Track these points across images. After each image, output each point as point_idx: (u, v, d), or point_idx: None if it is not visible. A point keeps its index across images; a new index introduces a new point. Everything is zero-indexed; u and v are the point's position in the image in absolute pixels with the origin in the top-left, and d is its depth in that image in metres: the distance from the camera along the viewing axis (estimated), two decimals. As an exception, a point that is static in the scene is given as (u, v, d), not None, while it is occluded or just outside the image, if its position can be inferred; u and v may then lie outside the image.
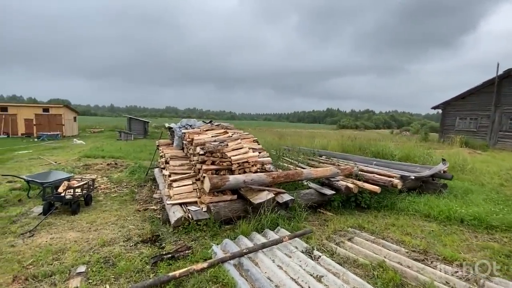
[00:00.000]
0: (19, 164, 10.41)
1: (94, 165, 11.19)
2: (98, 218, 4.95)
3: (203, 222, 4.37)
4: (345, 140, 15.68)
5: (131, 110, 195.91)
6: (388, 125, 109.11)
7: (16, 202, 5.67)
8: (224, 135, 5.83)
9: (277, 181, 5.04)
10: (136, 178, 8.80)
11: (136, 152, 15.26)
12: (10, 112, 27.31)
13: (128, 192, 7.07)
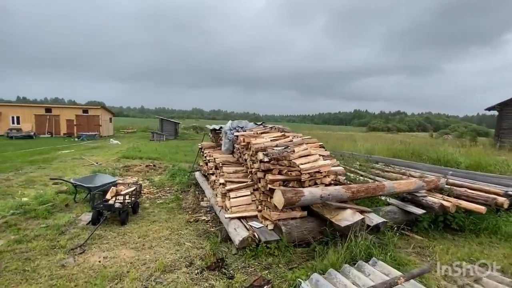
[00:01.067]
0: (63, 164, 10.50)
1: (133, 166, 11.03)
2: (149, 230, 4.42)
3: (274, 245, 3.62)
4: (395, 144, 14.26)
5: (160, 111, 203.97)
6: (422, 127, 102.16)
7: (63, 207, 5.35)
8: (285, 139, 5.08)
9: (357, 196, 4.17)
10: (177, 182, 8.36)
11: (171, 154, 15.09)
12: (53, 113, 28.98)
13: (174, 198, 6.58)
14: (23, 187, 6.67)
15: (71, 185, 6.27)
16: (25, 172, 8.23)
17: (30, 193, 6.22)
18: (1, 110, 26.90)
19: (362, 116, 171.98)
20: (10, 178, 7.39)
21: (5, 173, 8.06)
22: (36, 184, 7.09)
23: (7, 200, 5.60)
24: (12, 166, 9.44)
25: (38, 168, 9.16)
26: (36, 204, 5.19)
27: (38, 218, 4.67)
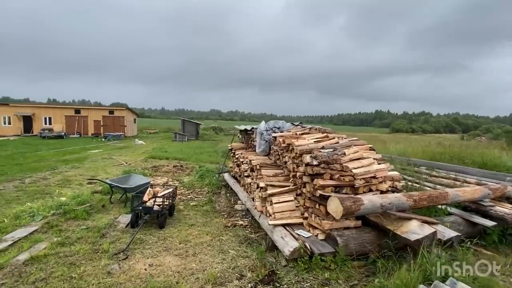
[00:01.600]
0: (95, 164, 10.71)
1: (161, 166, 11.06)
2: (189, 235, 4.22)
3: (329, 258, 3.27)
4: (430, 146, 13.35)
5: (179, 112, 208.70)
6: (450, 129, 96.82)
7: (100, 208, 5.30)
8: (329, 141, 4.71)
9: (418, 205, 3.72)
10: (207, 184, 8.19)
11: (196, 154, 15.09)
12: (82, 114, 30.22)
13: (207, 200, 6.39)
14: (60, 186, 6.76)
15: (107, 185, 6.27)
16: (61, 172, 8.42)
17: (67, 192, 6.27)
18: (35, 111, 28.43)
19: (383, 117, 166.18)
20: (47, 177, 7.55)
21: (42, 172, 8.28)
22: (72, 183, 7.18)
23: (46, 199, 5.65)
24: (47, 165, 9.74)
25: (72, 167, 9.37)
26: (74, 205, 5.17)
27: (78, 219, 4.61)
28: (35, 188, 6.30)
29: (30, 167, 9.06)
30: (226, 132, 51.11)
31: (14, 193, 5.82)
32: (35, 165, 9.71)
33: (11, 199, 5.35)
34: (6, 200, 5.29)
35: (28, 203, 5.26)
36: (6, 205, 5.00)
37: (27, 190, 6.05)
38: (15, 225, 4.11)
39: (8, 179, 7.01)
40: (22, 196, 5.61)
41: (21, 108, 28.27)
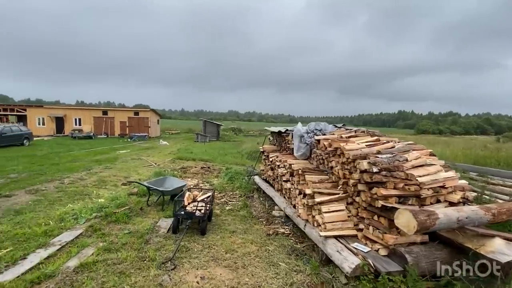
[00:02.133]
0: (125, 164, 10.88)
1: (189, 168, 11.05)
2: (233, 243, 4.00)
3: (398, 278, 2.90)
4: (471, 149, 12.38)
5: (198, 113, 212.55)
6: (481, 130, 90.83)
7: (138, 211, 5.24)
8: (384, 145, 4.32)
9: (497, 220, 3.25)
10: (238, 186, 8.01)
11: (221, 156, 15.02)
12: (109, 115, 31.37)
13: (242, 205, 6.18)
14: (96, 187, 6.83)
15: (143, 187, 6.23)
16: (95, 172, 8.58)
17: (104, 193, 6.31)
18: (66, 113, 29.87)
19: (407, 118, 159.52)
20: (84, 178, 7.69)
21: (79, 172, 8.48)
22: (107, 184, 7.24)
23: (85, 200, 5.68)
24: (82, 165, 10.00)
25: (105, 168, 9.55)
26: (113, 207, 5.14)
27: (119, 223, 4.55)
28: (74, 188, 6.39)
29: (66, 167, 9.33)
30: (245, 133, 51.21)
31: (56, 193, 5.91)
32: (70, 165, 10.01)
33: (54, 200, 5.42)
34: (49, 201, 5.36)
35: (69, 204, 5.30)
36: (50, 206, 5.05)
37: (67, 191, 6.14)
38: (60, 228, 4.09)
39: (48, 179, 7.20)
40: (63, 197, 5.68)
41: (54, 110, 29.82)
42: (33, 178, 7.40)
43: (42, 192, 5.88)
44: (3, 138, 15.77)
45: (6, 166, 9.48)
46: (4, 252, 3.19)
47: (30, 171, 8.59)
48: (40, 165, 10.05)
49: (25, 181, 6.98)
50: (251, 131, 54.55)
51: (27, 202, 5.12)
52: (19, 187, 6.17)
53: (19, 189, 6.07)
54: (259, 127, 72.77)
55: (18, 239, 3.60)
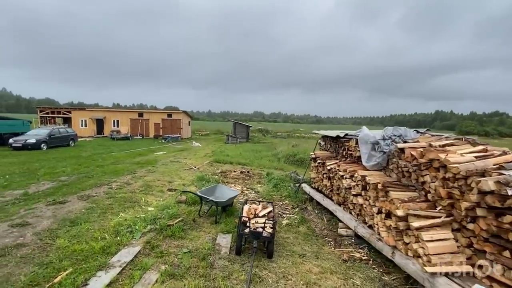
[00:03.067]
0: (166, 167, 10.75)
1: (228, 172, 10.65)
2: (309, 272, 3.38)
3: None
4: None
5: (224, 115, 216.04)
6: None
7: (191, 223, 4.81)
8: (503, 157, 3.43)
9: None
10: (286, 196, 7.39)
11: (256, 159, 14.52)
12: (144, 117, 32.47)
13: (299, 219, 5.54)
14: (143, 193, 6.60)
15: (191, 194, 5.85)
16: (140, 176, 8.46)
17: (152, 201, 6.03)
18: (106, 115, 31.42)
19: (445, 118, 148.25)
20: (130, 182, 7.55)
21: (124, 176, 8.40)
22: (153, 190, 7.00)
23: (135, 209, 5.41)
24: (125, 168, 10.02)
25: (148, 171, 9.44)
26: (166, 218, 4.78)
27: (175, 238, 4.13)
28: (122, 195, 6.19)
29: (111, 170, 9.36)
30: (273, 135, 50.51)
31: (106, 200, 5.72)
32: (114, 167, 10.07)
33: (105, 208, 5.20)
34: (101, 208, 5.14)
35: (121, 213, 5.03)
36: (102, 215, 4.81)
37: (116, 197, 5.94)
38: (117, 243, 3.75)
39: (96, 183, 7.14)
40: (114, 205, 5.45)
41: (95, 112, 31.52)
42: (82, 181, 7.39)
43: (93, 199, 5.72)
44: (52, 139, 16.68)
45: (56, 168, 9.76)
46: (64, 275, 2.85)
47: (79, 173, 8.70)
48: (86, 166, 10.24)
49: (75, 185, 6.96)
50: (279, 132, 53.71)
51: (81, 210, 4.93)
52: (71, 192, 6.09)
53: (71, 194, 5.98)
54: (286, 128, 71.68)
55: (76, 257, 3.28)
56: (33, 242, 3.51)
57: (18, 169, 9.13)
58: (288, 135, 49.92)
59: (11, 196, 5.71)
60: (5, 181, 7.33)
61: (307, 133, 54.34)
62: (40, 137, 15.83)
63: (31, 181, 7.31)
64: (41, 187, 6.67)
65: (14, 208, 4.85)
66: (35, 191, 6.20)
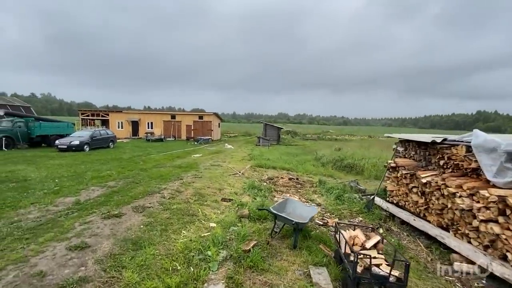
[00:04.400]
0: (211, 172, 10.10)
1: (276, 178, 9.75)
2: None
3: None
4: None
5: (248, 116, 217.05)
6: None
7: (267, 248, 3.94)
8: None
9: None
10: (357, 211, 6.31)
11: (299, 164, 13.48)
12: (177, 119, 32.80)
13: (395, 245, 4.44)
14: (198, 203, 5.90)
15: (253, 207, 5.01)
16: (189, 183, 7.84)
17: (211, 214, 5.27)
18: (141, 117, 32.18)
19: (489, 119, 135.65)
20: (180, 190, 6.93)
21: (172, 182, 7.85)
22: (207, 199, 6.29)
23: (196, 224, 4.67)
24: (168, 172, 9.52)
25: (195, 177, 8.83)
26: (238, 240, 3.97)
27: (257, 269, 3.29)
28: (177, 205, 5.52)
29: (156, 175, 8.89)
30: (301, 137, 48.93)
31: (162, 212, 5.07)
32: (158, 171, 9.63)
33: (164, 223, 4.51)
34: (160, 224, 4.47)
35: (183, 230, 4.31)
36: (164, 234, 4.11)
37: (172, 209, 5.28)
38: (193, 278, 2.97)
39: (147, 191, 6.58)
40: (172, 219, 4.77)
41: (131, 115, 32.41)
42: (131, 188, 6.90)
43: (149, 211, 5.09)
44: (94, 141, 16.97)
45: (102, 171, 9.52)
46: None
47: (125, 177, 8.32)
48: (130, 170, 9.92)
49: (125, 192, 6.46)
50: (308, 134, 51.98)
51: (139, 227, 4.28)
52: (123, 202, 5.54)
53: (124, 204, 5.42)
54: (314, 130, 69.53)
55: (152, 301, 2.52)
56: (97, 275, 2.84)
57: (66, 172, 8.98)
58: (318, 137, 48.08)
59: (63, 205, 5.26)
60: (56, 185, 7.05)
61: (338, 135, 52.05)
62: (83, 139, 16.14)
63: (80, 186, 6.96)
64: (91, 194, 6.24)
65: (69, 222, 4.32)
66: (86, 199, 5.75)
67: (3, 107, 18.46)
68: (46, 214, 4.69)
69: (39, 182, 7.42)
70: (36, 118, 18.49)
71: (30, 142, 17.00)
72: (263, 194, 7.25)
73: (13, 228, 3.97)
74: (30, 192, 6.25)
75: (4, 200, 5.51)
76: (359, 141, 34.43)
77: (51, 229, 4.00)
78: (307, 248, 4.00)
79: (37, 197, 5.84)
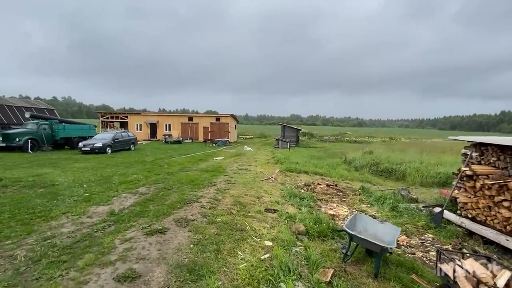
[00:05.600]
0: (242, 177, 9.44)
1: (312, 184, 8.98)
2: None
3: None
4: None
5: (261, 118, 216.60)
6: None
7: (345, 277, 3.19)
8: None
9: None
10: (423, 226, 5.45)
11: (330, 167, 12.62)
12: (194, 121, 32.57)
13: (496, 275, 3.59)
14: (242, 215, 5.24)
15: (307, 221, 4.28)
16: (223, 189, 7.20)
17: (260, 229, 4.58)
18: (159, 119, 32.17)
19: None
20: (218, 198, 6.30)
21: (205, 188, 7.24)
22: (249, 210, 5.62)
23: (248, 241, 3.99)
24: (197, 177, 8.94)
25: (227, 183, 8.20)
26: (310, 267, 3.25)
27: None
28: (222, 218, 4.88)
29: (185, 179, 8.33)
30: (318, 139, 47.66)
31: (209, 227, 4.42)
32: (186, 176, 9.08)
33: (215, 242, 3.86)
34: (210, 242, 3.82)
35: (238, 251, 3.64)
36: (219, 256, 3.45)
37: (217, 222, 4.63)
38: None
39: (183, 199, 5.98)
40: (222, 235, 4.11)
41: (149, 117, 32.48)
42: (165, 195, 6.34)
43: (194, 225, 4.46)
44: (116, 143, 16.78)
45: (128, 175, 9.08)
46: None
47: (154, 182, 7.81)
48: (157, 174, 9.44)
49: (159, 200, 5.91)
50: (326, 136, 50.62)
51: (189, 246, 3.65)
52: (162, 213, 4.95)
53: (164, 216, 4.83)
54: (330, 131, 67.87)
55: None
56: (160, 322, 2.20)
57: (92, 176, 8.59)
58: (336, 139, 46.73)
59: (97, 216, 4.73)
60: (85, 191, 6.60)
61: (357, 136, 50.40)
62: (105, 141, 15.95)
63: (111, 193, 6.47)
64: (125, 202, 5.71)
65: (108, 238, 3.75)
66: (121, 209, 5.21)
67: (28, 110, 18.64)
68: (80, 228, 4.15)
69: (67, 187, 7.01)
70: (60, 120, 18.57)
71: (54, 144, 17.02)
72: (307, 203, 6.52)
73: (47, 246, 3.42)
74: (60, 199, 5.80)
75: (34, 209, 5.06)
76: (381, 143, 32.95)
77: (89, 248, 3.43)
78: (396, 279, 3.23)
79: (67, 205, 5.36)
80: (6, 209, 5.03)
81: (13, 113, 18.11)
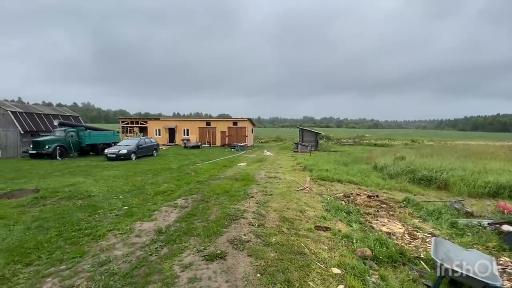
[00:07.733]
0: (274, 187, 9.06)
1: (352, 196, 8.48)
2: None
3: None
4: None
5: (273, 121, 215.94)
6: None
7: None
8: None
9: None
10: (495, 247, 4.87)
11: (362, 175, 12.01)
12: (211, 126, 32.60)
13: None
14: (294, 234, 4.85)
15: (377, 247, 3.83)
16: (263, 202, 6.85)
17: (321, 252, 4.18)
18: (177, 124, 32.41)
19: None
20: (262, 213, 5.95)
21: (244, 200, 6.91)
22: (299, 228, 5.23)
23: (316, 270, 3.60)
24: (229, 186, 8.65)
25: (264, 194, 7.84)
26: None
27: None
28: (275, 238, 4.52)
29: (219, 189, 8.06)
30: (335, 142, 46.61)
31: (266, 250, 4.07)
32: (218, 185, 8.81)
33: (281, 269, 3.50)
34: (276, 270, 3.46)
35: (310, 282, 3.26)
36: (290, 287, 3.07)
37: (273, 244, 4.28)
38: None
39: (229, 214, 5.67)
40: (284, 261, 3.75)
41: (168, 122, 32.79)
42: (206, 208, 6.09)
43: (250, 247, 4.11)
44: (140, 150, 16.85)
45: (159, 184, 8.94)
46: None
47: (188, 193, 7.60)
48: (187, 183, 9.25)
49: (202, 214, 5.65)
50: (344, 139, 49.46)
51: (256, 275, 3.31)
52: (212, 232, 4.65)
53: (215, 235, 4.53)
54: (347, 134, 66.34)
55: None
56: None
57: (125, 186, 8.48)
58: (355, 142, 45.54)
59: (145, 235, 4.49)
60: (123, 203, 6.45)
61: (376, 139, 48.92)
62: (130, 148, 16.05)
63: (149, 205, 6.28)
64: (167, 217, 5.48)
65: (166, 265, 3.47)
66: (166, 225, 4.96)
67: (56, 117, 19.12)
68: (133, 250, 3.91)
69: (103, 198, 6.89)
70: (85, 127, 18.94)
71: (80, 151, 17.31)
72: (356, 218, 6.05)
73: (107, 275, 3.17)
74: (101, 214, 5.64)
75: (78, 225, 4.90)
76: (405, 146, 31.68)
77: (150, 278, 3.15)
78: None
79: (111, 221, 5.18)
80: (51, 225, 4.90)
81: (42, 120, 18.62)
